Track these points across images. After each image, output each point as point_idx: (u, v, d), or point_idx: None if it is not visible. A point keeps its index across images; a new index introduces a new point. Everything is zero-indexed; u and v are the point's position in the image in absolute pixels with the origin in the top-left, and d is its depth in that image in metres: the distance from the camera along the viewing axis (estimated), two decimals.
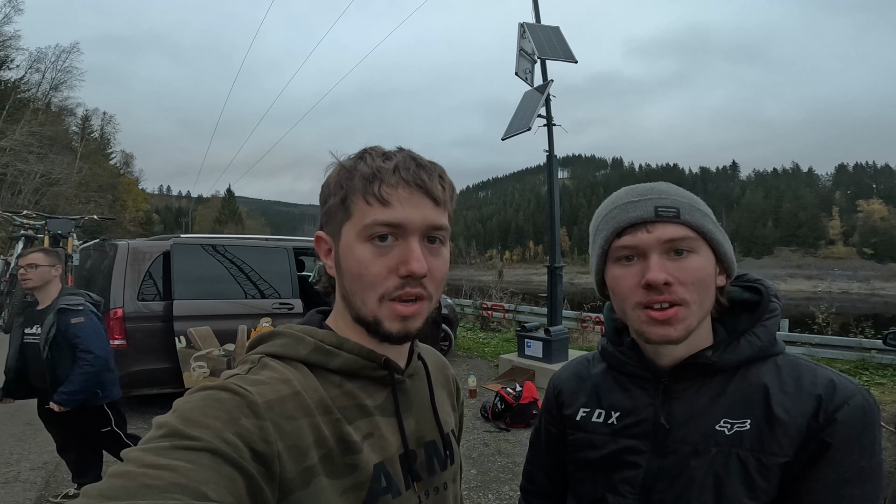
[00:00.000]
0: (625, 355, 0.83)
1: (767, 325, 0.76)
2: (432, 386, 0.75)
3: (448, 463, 0.73)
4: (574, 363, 0.96)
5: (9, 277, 5.37)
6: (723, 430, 0.72)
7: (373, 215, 0.61)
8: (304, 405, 0.58)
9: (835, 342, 7.48)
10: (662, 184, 0.77)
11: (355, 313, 0.64)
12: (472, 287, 14.04)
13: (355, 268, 0.62)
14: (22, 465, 3.76)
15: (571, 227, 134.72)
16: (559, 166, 7.13)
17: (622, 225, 0.74)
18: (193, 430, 0.49)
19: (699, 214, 0.73)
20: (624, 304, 0.76)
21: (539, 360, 6.37)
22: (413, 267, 0.60)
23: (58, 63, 39.50)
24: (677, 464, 0.74)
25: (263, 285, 5.46)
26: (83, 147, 43.52)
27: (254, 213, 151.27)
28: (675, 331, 0.71)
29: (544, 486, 0.98)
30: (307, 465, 0.56)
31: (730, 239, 0.78)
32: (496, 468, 3.91)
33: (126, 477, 0.44)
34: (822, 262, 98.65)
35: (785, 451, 0.68)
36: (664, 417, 0.76)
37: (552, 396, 0.94)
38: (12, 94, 32.66)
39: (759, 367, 0.74)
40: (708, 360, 0.75)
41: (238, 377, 0.59)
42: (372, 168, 0.62)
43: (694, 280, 0.71)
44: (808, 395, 0.70)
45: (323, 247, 0.69)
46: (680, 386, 0.77)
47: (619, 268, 0.75)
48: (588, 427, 0.84)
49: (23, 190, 28.40)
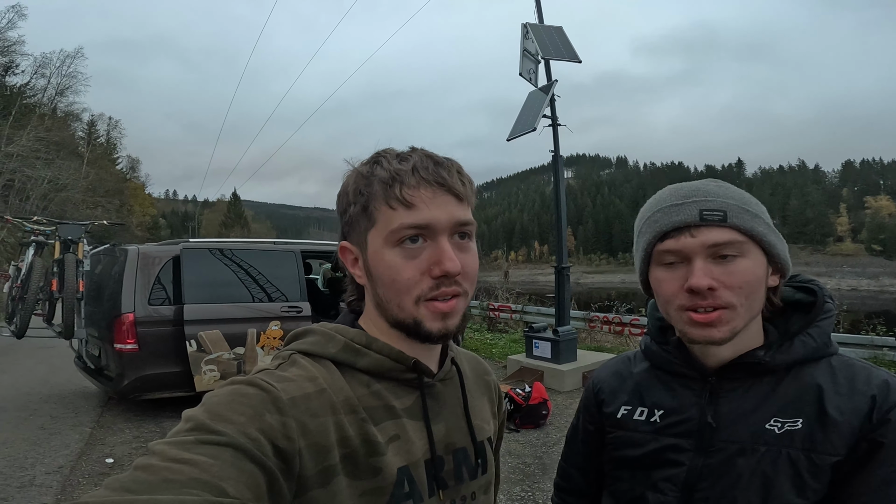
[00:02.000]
0: (670, 354, 0.82)
1: (822, 325, 0.75)
2: (466, 391, 0.73)
3: (479, 472, 0.71)
4: (614, 362, 0.96)
5: (20, 283, 5.42)
6: (773, 429, 0.71)
7: (399, 219, 0.60)
8: (330, 403, 0.58)
9: (846, 339, 7.39)
10: (710, 183, 0.75)
11: (392, 319, 0.64)
12: (479, 288, 14.02)
13: (387, 274, 0.61)
14: (37, 469, 3.78)
15: (577, 226, 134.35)
16: (564, 166, 7.12)
17: (665, 229, 0.72)
18: (218, 425, 0.49)
19: (749, 217, 0.71)
20: (667, 307, 0.75)
21: (547, 361, 6.36)
22: (447, 266, 0.59)
23: (63, 68, 39.88)
24: (723, 462, 0.73)
25: (272, 289, 5.49)
26: (89, 152, 43.80)
27: (259, 216, 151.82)
28: (719, 332, 0.70)
29: (579, 484, 0.97)
30: (328, 464, 0.55)
31: None
32: (506, 469, 3.91)
33: (149, 470, 0.45)
34: (831, 259, 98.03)
35: (838, 450, 0.68)
36: (711, 416, 0.75)
37: (591, 394, 0.93)
38: (18, 100, 32.91)
39: (813, 368, 0.74)
40: (760, 360, 0.74)
41: (266, 372, 0.59)
42: (390, 171, 0.61)
43: (741, 284, 0.69)
44: (862, 396, 0.69)
45: (349, 257, 0.67)
46: (728, 385, 0.76)
47: (662, 270, 0.74)
48: (629, 425, 0.84)
49: (31, 196, 28.66)
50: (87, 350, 5.47)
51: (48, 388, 6.08)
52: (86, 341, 5.43)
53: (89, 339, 5.34)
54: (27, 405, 5.36)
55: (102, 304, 5.07)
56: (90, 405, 5.43)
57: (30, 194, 28.73)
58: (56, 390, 6.00)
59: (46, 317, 5.38)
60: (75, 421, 4.89)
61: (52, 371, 6.91)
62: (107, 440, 4.45)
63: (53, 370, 6.94)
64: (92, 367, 5.33)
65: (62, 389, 6.04)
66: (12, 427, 4.65)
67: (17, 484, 3.54)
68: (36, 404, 5.41)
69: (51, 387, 6.16)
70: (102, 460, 3.99)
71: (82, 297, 5.16)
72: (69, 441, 4.36)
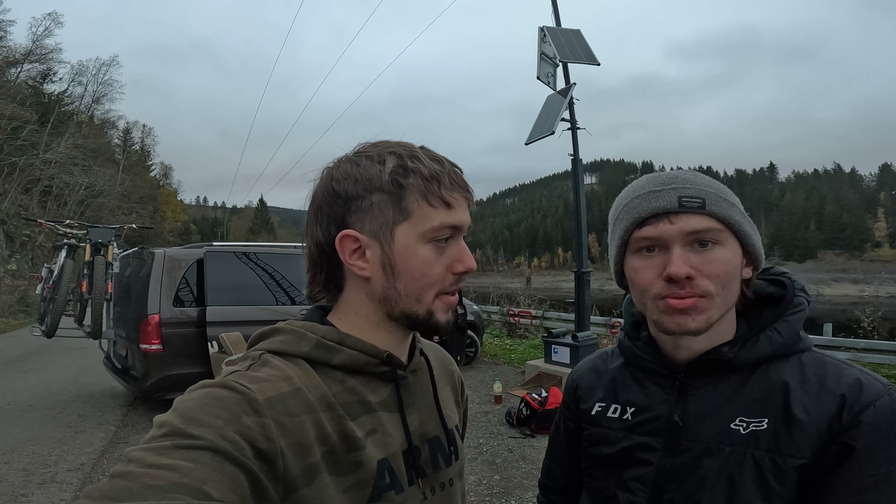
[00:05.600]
0: (641, 350, 0.81)
1: (790, 320, 0.72)
2: (435, 381, 0.75)
3: (453, 459, 0.73)
4: (593, 357, 0.94)
5: (52, 285, 5.61)
6: (738, 428, 0.69)
7: (440, 218, 0.63)
8: (306, 402, 0.58)
9: (882, 346, 7.13)
10: (687, 172, 0.74)
11: (401, 311, 0.65)
12: (500, 294, 13.95)
13: (419, 268, 0.64)
14: (60, 467, 3.90)
15: (601, 232, 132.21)
16: (587, 171, 7.05)
17: (643, 215, 0.71)
18: (194, 429, 0.49)
19: (726, 205, 0.70)
20: (643, 296, 0.73)
21: (566, 367, 6.26)
22: (470, 264, 0.66)
23: (98, 76, 41.28)
24: (689, 462, 0.71)
25: (293, 292, 5.57)
26: (125, 159, 45.22)
27: (285, 222, 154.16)
28: (695, 321, 0.68)
29: (562, 482, 0.97)
30: (310, 463, 0.56)
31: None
32: (520, 474, 3.87)
33: (128, 477, 0.44)
34: (869, 265, 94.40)
35: (802, 452, 0.65)
36: (678, 414, 0.74)
37: (570, 391, 0.93)
38: (56, 108, 34.08)
39: (781, 365, 0.71)
40: (724, 356, 0.72)
41: (238, 374, 0.58)
42: (431, 170, 0.63)
43: (718, 272, 0.68)
44: (831, 395, 0.66)
45: (350, 246, 0.64)
46: (696, 383, 0.75)
47: (639, 259, 0.73)
48: (603, 422, 0.83)
49: (68, 202, 29.69)
50: (114, 350, 5.63)
51: (78, 388, 6.29)
52: (114, 342, 5.59)
53: (117, 339, 5.49)
54: (56, 404, 5.55)
55: (130, 305, 5.22)
56: (117, 404, 5.59)
57: (67, 200, 29.75)
58: (85, 390, 6.20)
59: (77, 317, 5.55)
60: (101, 420, 5.04)
61: (83, 371, 7.14)
62: (130, 439, 4.57)
63: (84, 370, 7.17)
64: (119, 366, 5.48)
65: (91, 389, 6.23)
66: (40, 425, 4.82)
67: (39, 480, 3.65)
68: (65, 403, 5.59)
69: (80, 386, 6.37)
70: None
71: (111, 298, 5.32)
72: (94, 439, 4.49)
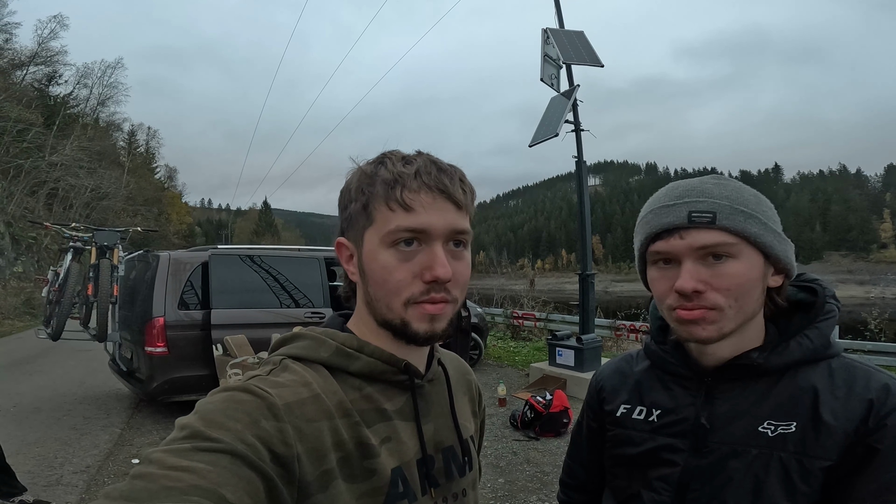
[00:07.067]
0: (668, 353, 0.82)
1: (821, 326, 0.74)
2: (452, 391, 0.75)
3: (466, 469, 0.73)
4: (617, 360, 0.96)
5: (57, 287, 5.64)
6: (766, 431, 0.71)
7: (396, 221, 0.61)
8: (324, 408, 0.59)
9: (889, 349, 7.10)
10: (707, 182, 0.73)
11: (381, 318, 0.64)
12: (504, 296, 13.93)
13: (379, 274, 0.62)
14: (65, 469, 3.91)
15: (605, 234, 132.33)
16: (591, 173, 7.04)
17: (655, 230, 0.73)
18: (214, 432, 0.50)
19: (741, 217, 0.69)
20: (660, 305, 0.76)
21: (570, 369, 6.26)
22: (438, 272, 0.60)
23: (104, 78, 41.53)
24: (715, 463, 0.73)
25: (297, 294, 5.59)
26: (130, 161, 45.41)
27: (289, 224, 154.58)
28: (705, 331, 0.70)
29: (582, 481, 0.99)
30: (325, 468, 0.56)
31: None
32: (524, 477, 3.86)
33: (148, 479, 0.45)
34: (875, 266, 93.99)
35: (829, 454, 0.67)
36: (705, 417, 0.75)
37: (594, 392, 0.94)
38: (62, 110, 34.23)
39: (810, 370, 0.72)
40: (753, 361, 0.73)
41: (259, 378, 0.59)
42: (393, 173, 0.62)
43: (729, 286, 0.69)
44: (859, 400, 0.67)
45: (344, 253, 0.68)
46: (724, 386, 0.76)
47: (655, 270, 0.76)
48: (628, 423, 0.85)
49: (74, 204, 29.83)
50: (120, 353, 5.65)
51: (83, 390, 6.31)
52: (119, 344, 5.61)
53: (123, 342, 5.51)
54: (62, 406, 5.57)
55: (135, 308, 5.24)
56: (122, 407, 5.61)
57: (73, 202, 29.88)
58: (91, 392, 6.22)
59: (82, 320, 5.58)
60: (106, 422, 5.06)
61: (89, 373, 7.16)
62: (135, 441, 4.58)
63: (90, 372, 7.20)
64: (124, 369, 5.50)
65: (97, 391, 6.25)
66: (45, 427, 4.83)
67: (44, 483, 3.65)
68: (70, 405, 5.61)
69: (86, 388, 6.39)
70: (129, 461, 4.10)
71: (116, 301, 5.34)
72: (99, 441, 4.51)
